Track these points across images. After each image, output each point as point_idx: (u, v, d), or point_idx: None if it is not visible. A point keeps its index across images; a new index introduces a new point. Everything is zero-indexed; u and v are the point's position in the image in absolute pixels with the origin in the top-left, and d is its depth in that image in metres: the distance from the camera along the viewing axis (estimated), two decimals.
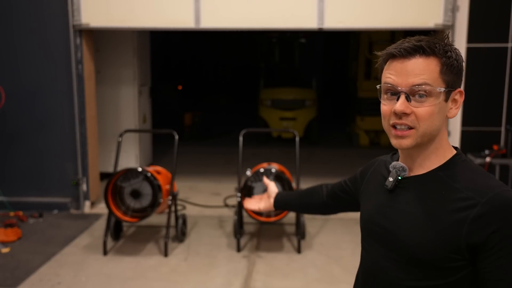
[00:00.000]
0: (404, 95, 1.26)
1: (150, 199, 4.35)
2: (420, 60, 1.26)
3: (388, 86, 1.30)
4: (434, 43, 1.27)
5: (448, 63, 1.27)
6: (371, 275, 1.42)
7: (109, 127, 6.57)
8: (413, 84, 1.25)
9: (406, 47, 1.27)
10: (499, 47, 5.12)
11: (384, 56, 1.33)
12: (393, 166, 1.37)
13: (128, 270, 4.18)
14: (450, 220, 1.23)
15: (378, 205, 1.40)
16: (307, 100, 9.20)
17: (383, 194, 1.40)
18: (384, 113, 1.32)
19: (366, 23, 5.19)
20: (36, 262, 4.27)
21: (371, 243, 1.41)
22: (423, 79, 1.25)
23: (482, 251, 1.20)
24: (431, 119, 1.27)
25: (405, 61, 1.27)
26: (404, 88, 1.26)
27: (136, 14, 5.25)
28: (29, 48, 5.37)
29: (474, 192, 1.23)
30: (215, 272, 4.15)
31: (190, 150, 8.48)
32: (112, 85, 6.59)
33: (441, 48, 1.27)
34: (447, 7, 5.02)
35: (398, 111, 1.26)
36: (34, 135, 5.51)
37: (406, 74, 1.26)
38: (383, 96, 1.33)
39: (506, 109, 5.21)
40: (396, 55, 1.28)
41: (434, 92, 1.26)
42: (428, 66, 1.26)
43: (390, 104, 1.30)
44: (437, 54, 1.26)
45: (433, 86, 1.25)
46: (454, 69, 1.28)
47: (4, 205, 5.45)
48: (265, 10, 5.20)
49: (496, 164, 4.84)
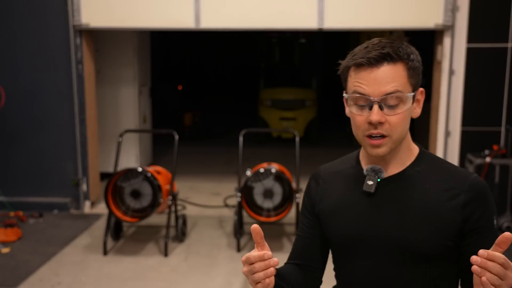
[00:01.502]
0: (377, 105, 1.26)
1: (150, 199, 4.36)
2: (388, 67, 1.26)
3: (360, 96, 1.28)
4: (398, 47, 1.28)
5: (413, 66, 1.29)
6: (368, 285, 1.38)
7: (109, 127, 6.57)
8: (386, 93, 1.26)
9: (374, 55, 1.26)
10: (499, 47, 5.12)
11: (349, 65, 1.32)
12: (370, 169, 1.36)
13: (128, 270, 4.18)
14: (443, 209, 1.30)
15: (361, 213, 1.37)
16: (307, 100, 9.19)
17: (361, 201, 1.37)
18: (358, 123, 1.31)
19: (366, 23, 5.19)
20: (36, 262, 4.27)
21: (364, 254, 1.37)
22: (395, 86, 1.26)
23: (471, 233, 1.30)
24: (403, 125, 1.30)
25: (373, 70, 1.26)
26: (377, 98, 1.26)
27: (136, 14, 5.25)
28: (29, 48, 5.37)
29: (453, 182, 1.32)
30: (215, 272, 4.15)
31: (190, 150, 8.48)
32: (112, 85, 6.59)
33: (404, 52, 1.28)
34: (447, 7, 5.02)
35: (374, 121, 1.26)
36: (34, 135, 5.51)
37: (377, 83, 1.26)
38: (352, 105, 1.31)
39: (506, 109, 5.21)
40: (364, 64, 1.27)
41: (405, 98, 1.27)
42: (396, 72, 1.26)
43: (362, 114, 1.29)
44: (402, 59, 1.27)
45: (404, 92, 1.27)
46: (417, 70, 1.31)
47: (4, 205, 5.45)
48: (265, 10, 5.20)
49: (496, 164, 4.84)
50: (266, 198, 4.46)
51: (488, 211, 1.31)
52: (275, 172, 4.44)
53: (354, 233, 1.38)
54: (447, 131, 5.27)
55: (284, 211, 4.43)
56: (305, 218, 1.54)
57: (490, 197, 1.33)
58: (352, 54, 1.31)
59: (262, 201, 4.48)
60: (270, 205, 4.47)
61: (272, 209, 4.47)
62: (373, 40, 1.31)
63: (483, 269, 1.05)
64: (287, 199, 4.48)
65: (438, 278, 1.33)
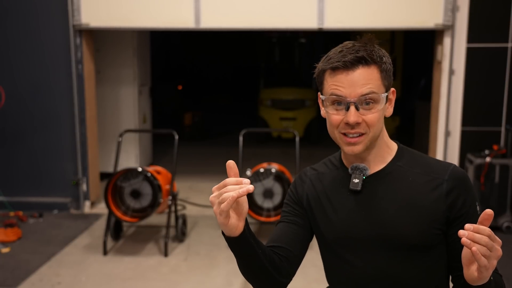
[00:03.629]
0: (354, 105, 1.33)
1: (150, 199, 4.36)
2: (363, 70, 1.33)
3: (336, 97, 1.34)
4: (371, 50, 1.35)
5: (385, 68, 1.36)
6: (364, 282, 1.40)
7: (109, 127, 6.57)
8: (361, 94, 1.32)
9: (350, 59, 1.32)
10: (499, 47, 5.12)
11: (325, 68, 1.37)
12: (355, 167, 1.42)
13: (128, 270, 4.18)
14: (428, 200, 1.36)
15: (349, 212, 1.41)
16: (307, 100, 9.19)
17: (348, 200, 1.42)
18: (334, 122, 1.37)
19: (366, 23, 5.19)
20: (36, 262, 4.27)
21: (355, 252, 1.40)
22: (370, 88, 1.33)
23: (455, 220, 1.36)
24: (378, 123, 1.36)
25: (349, 73, 1.33)
26: (353, 99, 1.32)
27: (136, 14, 5.25)
28: (29, 48, 5.37)
29: (434, 173, 1.39)
30: (215, 272, 4.15)
31: (190, 150, 8.48)
32: (112, 85, 6.59)
33: (377, 55, 1.35)
34: (447, 7, 5.02)
35: (352, 121, 1.33)
36: (34, 135, 5.51)
37: (353, 85, 1.32)
38: (328, 107, 1.37)
39: (506, 109, 5.21)
40: (340, 67, 1.33)
41: (379, 98, 1.34)
42: (371, 75, 1.33)
43: (339, 114, 1.35)
44: (376, 62, 1.34)
45: (378, 93, 1.34)
46: (389, 72, 1.38)
47: (4, 205, 5.45)
48: (265, 10, 5.20)
49: (496, 164, 4.84)
50: (266, 198, 4.46)
51: (470, 198, 1.38)
52: (275, 172, 4.44)
53: (344, 233, 1.42)
54: (447, 131, 5.27)
55: None
56: (290, 207, 1.53)
57: (470, 184, 1.40)
58: (328, 58, 1.37)
59: (262, 201, 4.48)
60: (270, 205, 4.47)
61: (272, 209, 4.47)
62: (346, 44, 1.38)
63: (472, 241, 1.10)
64: None
65: (430, 268, 1.39)
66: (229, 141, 9.38)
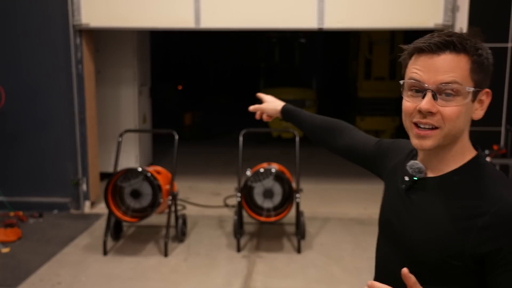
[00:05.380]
0: (431, 93, 1.19)
1: (150, 199, 4.36)
2: (450, 56, 1.19)
3: (414, 82, 1.22)
4: (465, 39, 1.20)
5: (479, 61, 1.20)
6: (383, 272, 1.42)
7: (109, 127, 6.57)
8: (442, 82, 1.18)
9: (436, 41, 1.19)
10: (499, 47, 5.12)
11: (410, 50, 1.26)
12: (410, 165, 1.31)
13: (128, 270, 4.18)
14: (457, 226, 1.19)
15: (392, 203, 1.39)
16: (307, 100, 9.20)
17: (398, 192, 1.36)
18: (406, 109, 1.25)
19: (366, 23, 5.19)
20: (36, 262, 4.27)
21: (384, 239, 1.42)
22: (453, 77, 1.18)
23: (490, 263, 1.16)
24: (457, 120, 1.21)
25: (434, 57, 1.19)
26: (432, 86, 1.19)
27: (136, 14, 5.25)
28: (29, 48, 5.37)
29: (485, 200, 1.18)
30: (215, 273, 4.15)
31: (190, 150, 8.48)
32: (112, 85, 6.58)
33: (472, 45, 1.20)
34: (447, 7, 5.02)
35: (424, 109, 1.19)
36: (34, 135, 5.51)
37: (435, 70, 1.19)
38: (406, 93, 1.25)
39: (506, 109, 5.21)
40: (425, 49, 1.20)
41: (463, 92, 1.19)
42: (458, 63, 1.19)
43: (414, 101, 1.23)
44: (468, 51, 1.19)
45: (462, 85, 1.18)
46: (484, 68, 1.22)
47: (4, 205, 5.45)
48: (265, 10, 5.20)
49: (496, 164, 4.84)
50: (266, 198, 4.46)
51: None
52: (275, 172, 4.44)
53: (384, 218, 1.42)
54: None
55: (284, 211, 4.43)
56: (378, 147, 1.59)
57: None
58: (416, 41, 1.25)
59: (262, 201, 4.47)
60: (270, 205, 4.47)
61: (272, 209, 4.47)
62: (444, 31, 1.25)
63: None
64: (287, 199, 4.48)
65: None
66: (229, 141, 9.38)
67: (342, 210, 5.63)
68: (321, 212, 5.55)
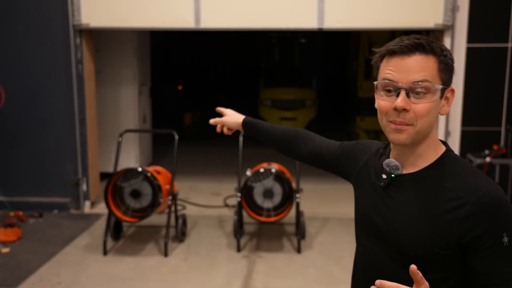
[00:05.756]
0: (405, 91, 1.27)
1: (150, 199, 4.36)
2: (420, 57, 1.28)
3: (388, 82, 1.30)
4: (432, 41, 1.30)
5: (445, 61, 1.31)
6: (370, 269, 1.44)
7: (109, 127, 6.57)
8: (414, 80, 1.27)
9: (407, 44, 1.28)
10: (499, 47, 5.12)
11: (382, 53, 1.34)
12: (386, 163, 1.39)
13: (128, 270, 4.18)
14: (442, 219, 1.27)
15: (371, 200, 1.44)
16: (307, 100, 9.20)
17: (376, 190, 1.42)
18: (382, 108, 1.33)
19: (366, 23, 5.19)
20: (36, 262, 4.27)
21: (368, 238, 1.44)
22: (424, 76, 1.27)
23: (472, 248, 1.24)
24: (428, 116, 1.29)
25: (405, 58, 1.29)
26: (405, 85, 1.28)
27: (136, 14, 5.25)
28: (29, 48, 5.37)
29: (464, 191, 1.26)
30: (215, 272, 4.15)
31: (190, 150, 8.48)
32: (112, 85, 6.58)
33: (438, 47, 1.30)
34: (447, 7, 5.02)
35: (399, 106, 1.27)
36: (34, 135, 5.51)
37: (407, 70, 1.28)
38: (380, 93, 1.33)
39: (506, 109, 5.21)
40: (397, 51, 1.29)
41: (432, 89, 1.28)
42: (427, 63, 1.28)
43: (389, 100, 1.31)
44: (435, 52, 1.29)
45: (432, 83, 1.28)
46: (449, 67, 1.32)
47: (4, 205, 5.45)
48: (265, 10, 5.20)
49: (496, 164, 4.84)
50: (266, 198, 4.46)
51: (495, 228, 1.21)
52: (275, 172, 4.44)
53: (364, 217, 1.46)
54: (447, 131, 5.27)
55: (284, 211, 4.43)
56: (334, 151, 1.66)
57: (502, 213, 1.23)
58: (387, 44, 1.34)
59: (262, 201, 4.47)
60: (270, 205, 4.47)
61: (272, 209, 4.47)
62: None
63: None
64: (287, 199, 4.48)
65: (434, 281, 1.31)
66: (229, 141, 9.35)
67: (342, 210, 5.63)
68: (321, 212, 5.55)
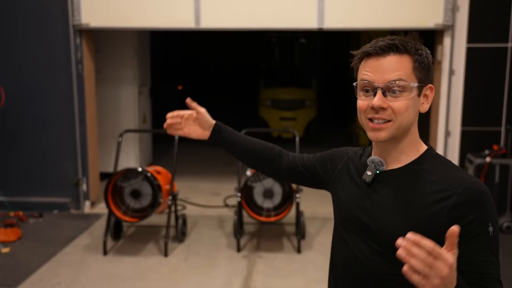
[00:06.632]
0: (381, 91, 1.33)
1: (150, 199, 4.36)
2: (394, 57, 1.33)
3: (365, 82, 1.35)
4: (406, 42, 1.36)
5: (420, 60, 1.35)
6: (352, 265, 1.46)
7: (109, 127, 6.57)
8: (389, 80, 1.32)
9: (381, 45, 1.34)
10: (499, 47, 5.12)
11: (359, 55, 1.40)
12: (371, 160, 1.43)
13: (128, 270, 4.18)
14: (428, 211, 1.31)
15: (355, 197, 1.46)
16: (307, 100, 9.19)
17: (360, 187, 1.45)
18: (361, 107, 1.38)
19: (366, 23, 5.19)
20: (36, 262, 4.27)
21: (351, 235, 1.46)
22: (398, 75, 1.32)
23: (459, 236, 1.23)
24: (406, 112, 1.34)
25: (380, 59, 1.34)
26: (381, 84, 1.33)
27: (136, 14, 5.25)
28: (29, 48, 5.37)
29: (449, 184, 1.31)
30: (215, 272, 4.15)
31: (190, 150, 8.47)
32: (112, 85, 6.59)
33: (412, 46, 1.35)
34: (447, 7, 5.02)
35: (376, 105, 1.32)
36: (34, 135, 5.51)
37: (382, 71, 1.33)
38: (359, 93, 1.39)
39: (506, 109, 5.21)
40: (372, 53, 1.35)
41: (408, 87, 1.33)
42: (402, 63, 1.33)
43: (367, 100, 1.36)
44: (409, 51, 1.34)
45: (407, 81, 1.33)
46: (425, 66, 1.36)
47: (4, 205, 5.45)
48: (265, 10, 5.20)
49: (496, 164, 4.84)
50: (266, 198, 4.46)
51: (482, 217, 1.27)
52: None
53: (347, 214, 1.47)
54: (447, 131, 5.27)
55: (284, 211, 4.43)
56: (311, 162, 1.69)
57: (487, 203, 1.29)
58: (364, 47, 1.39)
59: (262, 201, 4.48)
60: (270, 205, 4.47)
61: (272, 209, 4.47)
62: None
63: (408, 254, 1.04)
64: (287, 199, 4.48)
65: None
66: None
67: None
68: (321, 212, 5.55)
